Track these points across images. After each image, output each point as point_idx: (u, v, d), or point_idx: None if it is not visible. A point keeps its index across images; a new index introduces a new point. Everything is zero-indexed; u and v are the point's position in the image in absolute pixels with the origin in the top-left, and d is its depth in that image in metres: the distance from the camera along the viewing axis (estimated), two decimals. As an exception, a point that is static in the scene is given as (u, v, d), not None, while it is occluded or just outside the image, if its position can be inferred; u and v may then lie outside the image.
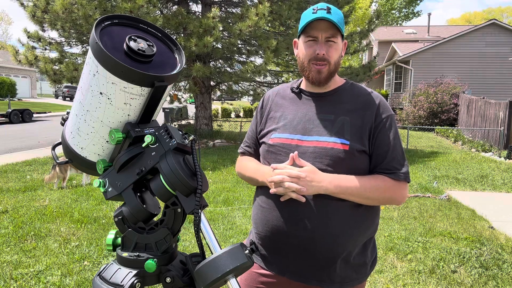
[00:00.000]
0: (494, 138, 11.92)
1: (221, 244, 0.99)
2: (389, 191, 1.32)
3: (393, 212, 5.21)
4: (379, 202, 1.34)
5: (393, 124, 1.37)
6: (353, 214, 1.31)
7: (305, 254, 1.32)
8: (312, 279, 1.34)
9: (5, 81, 30.41)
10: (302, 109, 1.41)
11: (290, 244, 1.33)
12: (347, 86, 1.43)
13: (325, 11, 1.30)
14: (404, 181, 1.34)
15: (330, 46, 1.33)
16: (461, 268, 3.52)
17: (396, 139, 1.36)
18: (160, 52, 1.04)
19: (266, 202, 1.39)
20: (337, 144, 1.30)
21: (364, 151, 1.32)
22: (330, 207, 1.29)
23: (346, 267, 1.33)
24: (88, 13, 8.25)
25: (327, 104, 1.39)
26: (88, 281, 3.12)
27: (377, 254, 1.57)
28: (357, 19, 28.09)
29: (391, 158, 1.33)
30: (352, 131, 1.32)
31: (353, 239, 1.32)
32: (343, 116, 1.35)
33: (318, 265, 1.32)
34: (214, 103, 21.40)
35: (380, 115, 1.35)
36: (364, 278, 1.40)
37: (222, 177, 7.27)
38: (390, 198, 1.34)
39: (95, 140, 1.05)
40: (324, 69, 1.34)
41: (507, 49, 18.78)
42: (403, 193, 1.36)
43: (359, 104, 1.37)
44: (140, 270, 1.01)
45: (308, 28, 1.33)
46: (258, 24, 8.83)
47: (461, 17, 60.75)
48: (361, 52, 14.68)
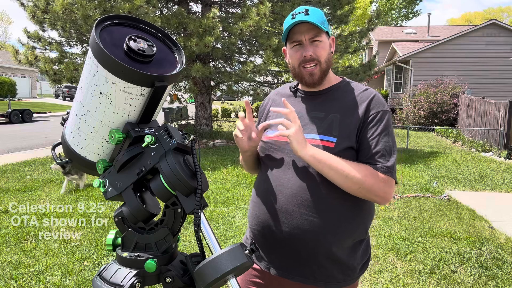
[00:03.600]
0: (494, 138, 11.92)
1: (221, 244, 0.99)
2: (370, 178, 1.24)
3: (393, 212, 5.22)
4: (359, 188, 1.25)
5: (384, 120, 1.32)
6: (339, 213, 1.31)
7: (288, 249, 1.33)
8: (296, 275, 1.34)
9: (5, 81, 30.40)
10: (296, 107, 1.42)
11: (275, 239, 1.34)
12: (342, 84, 1.43)
13: (303, 13, 1.31)
14: (386, 176, 1.27)
15: (316, 45, 1.34)
16: (461, 268, 3.52)
17: (384, 134, 1.30)
18: (160, 52, 1.04)
19: (256, 197, 1.43)
20: (323, 142, 1.31)
21: (352, 147, 1.30)
22: (315, 204, 1.30)
23: (332, 267, 1.33)
24: (88, 13, 8.25)
25: (320, 102, 1.41)
26: (88, 281, 3.12)
27: (377, 254, 1.56)
28: (356, 19, 28.10)
29: (375, 152, 1.29)
30: (341, 128, 1.32)
31: (337, 239, 1.31)
32: (334, 113, 1.35)
33: (301, 261, 1.33)
34: (214, 103, 21.39)
35: (369, 111, 1.33)
36: (352, 281, 1.38)
37: (222, 177, 7.27)
38: (371, 188, 1.25)
39: (95, 140, 1.05)
40: (315, 70, 1.35)
41: (507, 49, 18.77)
42: (386, 188, 1.27)
43: (351, 100, 1.36)
44: (140, 270, 1.01)
45: (291, 34, 1.35)
46: (259, 24, 8.84)
47: (461, 17, 60.73)
48: (361, 52, 14.69)
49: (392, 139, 1.33)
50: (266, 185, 1.39)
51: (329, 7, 11.33)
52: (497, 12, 56.46)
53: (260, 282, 1.44)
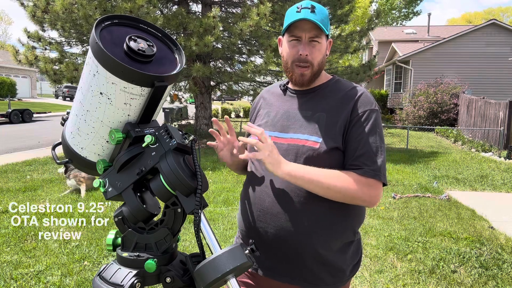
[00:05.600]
0: (494, 138, 11.92)
1: (221, 244, 0.99)
2: (352, 186, 1.21)
3: (393, 212, 5.22)
4: (343, 196, 1.23)
5: (371, 119, 1.28)
6: (325, 215, 1.28)
7: (275, 251, 1.32)
8: (284, 276, 1.33)
9: (5, 81, 30.40)
10: (285, 106, 1.41)
11: (262, 241, 1.33)
12: (331, 83, 1.40)
13: (309, 10, 1.27)
14: (372, 179, 1.23)
15: (313, 46, 1.31)
16: (461, 268, 3.52)
17: (371, 134, 1.26)
18: (160, 52, 1.04)
19: (243, 199, 1.43)
20: (308, 142, 1.28)
21: (337, 147, 1.27)
22: (301, 206, 1.28)
23: (319, 268, 1.30)
24: (88, 13, 8.25)
25: (308, 101, 1.38)
26: (88, 281, 3.12)
27: (377, 254, 1.56)
28: (356, 19, 28.09)
29: (361, 153, 1.24)
30: (327, 127, 1.28)
31: (324, 241, 1.28)
32: (320, 112, 1.32)
33: (288, 263, 1.32)
34: (214, 103, 21.41)
35: (356, 110, 1.28)
36: (341, 283, 1.36)
37: (222, 177, 7.27)
38: (355, 195, 1.22)
39: (95, 140, 1.05)
40: (306, 72, 1.33)
41: (507, 49, 18.77)
42: (371, 192, 1.23)
43: (338, 99, 1.33)
44: (140, 270, 1.01)
45: (292, 27, 1.30)
46: (259, 24, 8.84)
47: (461, 17, 60.70)
48: (361, 52, 14.68)
49: (380, 139, 1.28)
50: (252, 186, 1.38)
51: (329, 7, 11.33)
52: (497, 12, 56.45)
53: (250, 282, 1.43)
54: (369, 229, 4.51)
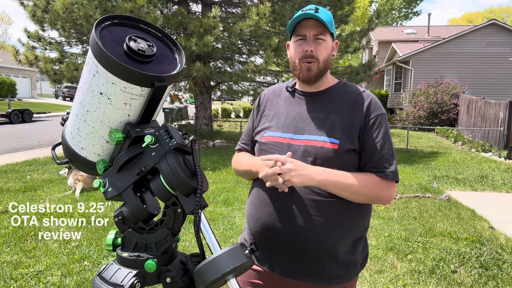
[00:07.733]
0: (494, 138, 11.91)
1: (221, 244, 0.99)
2: (376, 188, 1.31)
3: (393, 212, 5.21)
4: (366, 199, 1.33)
5: (383, 123, 1.37)
6: (342, 212, 1.32)
7: (293, 250, 1.33)
8: (300, 275, 1.35)
9: (5, 81, 30.40)
10: (295, 108, 1.43)
11: (279, 241, 1.35)
12: (339, 86, 1.45)
13: (313, 10, 1.33)
14: (391, 181, 1.34)
15: (318, 43, 1.35)
16: (461, 268, 3.52)
17: (385, 138, 1.35)
18: (160, 52, 1.04)
19: (258, 199, 1.42)
20: (326, 143, 1.32)
21: (354, 149, 1.33)
22: (319, 205, 1.31)
23: (334, 265, 1.34)
24: (89, 13, 8.24)
25: (319, 103, 1.41)
26: (88, 281, 3.12)
27: (377, 254, 1.57)
28: (356, 19, 28.09)
29: (379, 157, 1.33)
30: (343, 130, 1.34)
31: (341, 238, 1.33)
32: (334, 115, 1.36)
33: (305, 261, 1.34)
34: (214, 103, 21.39)
35: (369, 114, 1.36)
36: (354, 276, 1.41)
37: (222, 177, 7.27)
38: (377, 196, 1.33)
39: (95, 140, 1.05)
40: (313, 67, 1.36)
41: (507, 49, 18.77)
42: (390, 192, 1.35)
43: (349, 103, 1.38)
44: (140, 270, 1.01)
45: (298, 27, 1.37)
46: (259, 23, 8.84)
47: (462, 17, 60.69)
48: (361, 52, 14.68)
49: (392, 141, 1.38)
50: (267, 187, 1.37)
51: (329, 7, 11.33)
52: (498, 12, 56.43)
53: (259, 282, 1.43)
54: (369, 229, 4.50)
